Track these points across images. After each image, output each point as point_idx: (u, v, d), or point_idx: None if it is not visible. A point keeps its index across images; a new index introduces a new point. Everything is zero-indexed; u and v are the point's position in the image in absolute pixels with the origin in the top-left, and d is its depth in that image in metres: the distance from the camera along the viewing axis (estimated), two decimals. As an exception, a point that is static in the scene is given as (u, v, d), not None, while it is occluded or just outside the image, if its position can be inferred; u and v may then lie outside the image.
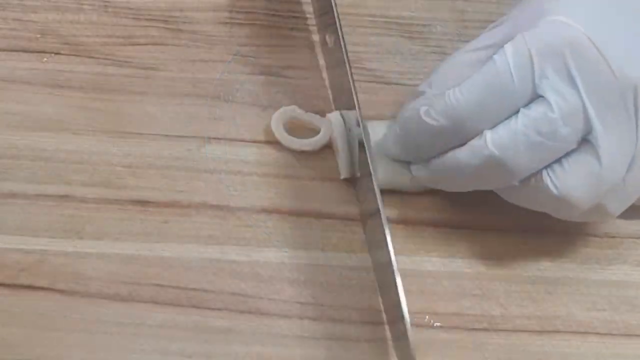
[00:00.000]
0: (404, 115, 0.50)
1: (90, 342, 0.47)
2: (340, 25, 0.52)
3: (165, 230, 0.50)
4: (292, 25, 0.57)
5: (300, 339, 0.48)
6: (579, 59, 0.47)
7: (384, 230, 0.47)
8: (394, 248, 0.51)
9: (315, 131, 0.53)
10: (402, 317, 0.45)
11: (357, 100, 0.51)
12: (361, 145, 0.50)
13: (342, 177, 0.52)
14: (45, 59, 0.55)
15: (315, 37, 0.57)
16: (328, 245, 0.51)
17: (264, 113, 0.55)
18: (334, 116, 0.53)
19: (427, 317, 0.49)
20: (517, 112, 0.47)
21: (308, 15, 0.58)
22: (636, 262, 0.52)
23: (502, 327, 0.49)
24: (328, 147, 0.53)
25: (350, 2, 0.58)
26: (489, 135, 0.47)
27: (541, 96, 0.47)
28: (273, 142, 0.54)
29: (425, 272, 0.50)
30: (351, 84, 0.51)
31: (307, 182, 0.53)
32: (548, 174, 0.48)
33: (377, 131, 0.52)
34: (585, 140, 0.47)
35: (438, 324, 0.49)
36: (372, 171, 0.49)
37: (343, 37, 0.52)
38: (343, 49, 0.51)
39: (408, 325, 0.45)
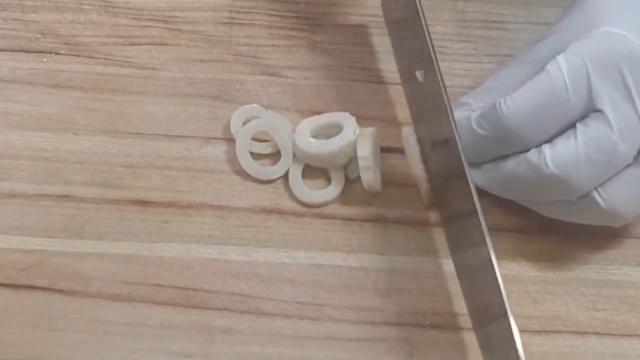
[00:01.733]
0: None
1: (90, 342, 0.47)
2: (437, 63, 0.48)
3: (165, 230, 0.51)
4: (292, 25, 0.57)
5: (300, 339, 0.48)
6: (636, 72, 0.46)
7: (481, 232, 0.45)
8: (392, 249, 0.51)
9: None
10: (508, 318, 0.43)
11: (457, 130, 0.47)
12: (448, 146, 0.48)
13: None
14: (45, 59, 0.55)
15: (316, 38, 0.57)
16: (328, 245, 0.51)
17: (264, 113, 0.55)
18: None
19: (427, 317, 0.49)
20: (571, 123, 0.47)
21: (308, 15, 0.58)
22: (636, 262, 0.52)
23: (502, 327, 0.49)
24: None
25: (350, 2, 0.58)
26: (548, 153, 0.47)
27: (597, 110, 0.46)
28: (273, 142, 0.54)
29: (426, 271, 0.50)
30: (451, 118, 0.47)
31: (307, 181, 0.53)
32: (597, 191, 0.47)
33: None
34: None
35: (438, 324, 0.49)
36: (467, 173, 0.46)
37: (441, 75, 0.48)
38: (442, 86, 0.48)
39: (514, 327, 0.43)
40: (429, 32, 0.49)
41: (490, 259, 0.45)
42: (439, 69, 0.48)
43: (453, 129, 0.47)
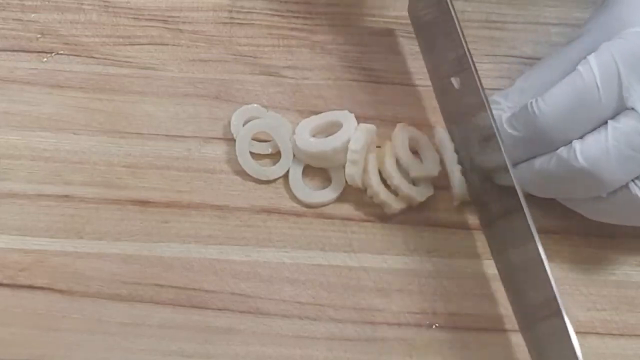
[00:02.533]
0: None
1: (90, 342, 0.47)
2: (475, 68, 0.49)
3: (165, 230, 0.51)
4: (292, 25, 0.57)
5: (300, 339, 0.48)
6: None
7: (529, 231, 0.45)
8: (392, 249, 0.51)
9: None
10: (562, 316, 0.43)
11: (500, 137, 0.48)
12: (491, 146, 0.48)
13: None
14: (45, 59, 0.55)
15: (316, 38, 0.57)
16: (328, 245, 0.51)
17: (264, 113, 0.55)
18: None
19: (427, 317, 0.49)
20: (603, 122, 0.47)
21: (308, 16, 0.58)
22: (636, 262, 0.52)
23: (502, 327, 0.49)
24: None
25: (350, 2, 0.58)
26: (578, 148, 0.46)
27: (628, 108, 0.46)
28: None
29: (426, 271, 0.50)
30: (493, 124, 0.48)
31: (307, 181, 0.53)
32: (635, 184, 0.47)
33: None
34: None
35: (438, 324, 0.49)
36: (512, 174, 0.47)
37: (480, 81, 0.49)
38: (482, 93, 0.48)
39: (569, 326, 0.43)
40: (464, 36, 0.50)
41: (540, 258, 0.45)
42: (476, 71, 0.48)
43: (494, 127, 0.47)
